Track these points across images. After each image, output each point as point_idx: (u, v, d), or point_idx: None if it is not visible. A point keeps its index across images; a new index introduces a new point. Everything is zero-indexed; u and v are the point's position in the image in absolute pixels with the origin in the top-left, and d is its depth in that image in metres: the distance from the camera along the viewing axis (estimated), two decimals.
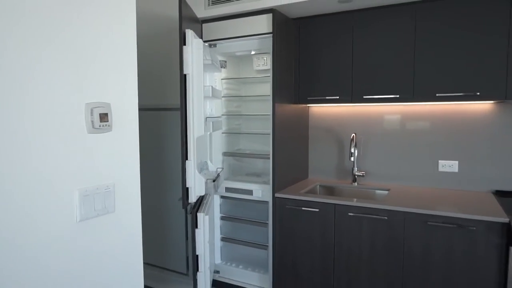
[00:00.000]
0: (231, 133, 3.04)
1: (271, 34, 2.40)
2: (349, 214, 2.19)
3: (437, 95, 2.20)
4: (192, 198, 2.08)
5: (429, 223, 1.98)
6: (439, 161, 2.52)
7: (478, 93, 2.09)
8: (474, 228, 1.88)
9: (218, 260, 2.91)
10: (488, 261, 1.87)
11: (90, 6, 1.09)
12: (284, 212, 2.43)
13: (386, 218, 2.09)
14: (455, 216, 1.91)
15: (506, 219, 1.81)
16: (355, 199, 2.25)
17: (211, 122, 2.25)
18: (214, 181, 2.21)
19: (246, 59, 3.06)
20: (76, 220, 1.09)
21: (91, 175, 1.12)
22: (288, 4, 2.30)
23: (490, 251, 1.86)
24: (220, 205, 2.90)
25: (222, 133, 2.95)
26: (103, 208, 1.17)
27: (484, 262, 1.88)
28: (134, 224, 1.30)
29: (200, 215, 2.16)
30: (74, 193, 1.07)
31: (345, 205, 2.21)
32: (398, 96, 2.31)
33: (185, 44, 2.02)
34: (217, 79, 2.84)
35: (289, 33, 2.58)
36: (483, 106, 2.38)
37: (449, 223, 1.93)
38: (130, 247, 1.28)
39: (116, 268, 1.23)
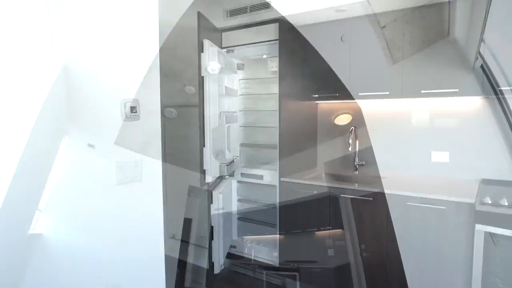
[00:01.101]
0: (248, 127, 3.45)
1: (278, 41, 2.78)
2: (342, 195, 2.53)
3: (422, 91, 2.48)
4: (208, 179, 2.52)
5: (408, 203, 2.29)
6: (432, 152, 2.78)
7: (457, 90, 2.36)
8: (445, 207, 2.16)
9: (234, 237, 3.34)
10: (457, 237, 2.14)
11: (126, 30, 1.55)
12: (288, 194, 2.81)
13: (371, 199, 2.41)
14: (428, 197, 2.21)
15: (472, 200, 2.08)
16: (356, 184, 2.57)
17: (224, 116, 2.67)
18: (227, 165, 2.63)
19: (261, 61, 3.45)
20: (114, 184, 1.55)
21: (124, 152, 1.58)
22: (292, 14, 2.67)
23: (459, 228, 2.13)
24: (237, 189, 3.33)
25: (240, 126, 3.36)
26: (133, 177, 1.63)
27: (453, 237, 2.15)
28: (156, 190, 1.75)
29: (214, 193, 2.59)
30: (113, 164, 1.54)
31: (337, 187, 2.55)
32: (388, 93, 2.61)
33: (202, 52, 2.45)
34: (235, 80, 3.26)
35: (294, 39, 2.94)
36: (471, 101, 2.61)
37: (424, 203, 2.23)
38: (153, 208, 1.73)
39: (142, 222, 1.68)
